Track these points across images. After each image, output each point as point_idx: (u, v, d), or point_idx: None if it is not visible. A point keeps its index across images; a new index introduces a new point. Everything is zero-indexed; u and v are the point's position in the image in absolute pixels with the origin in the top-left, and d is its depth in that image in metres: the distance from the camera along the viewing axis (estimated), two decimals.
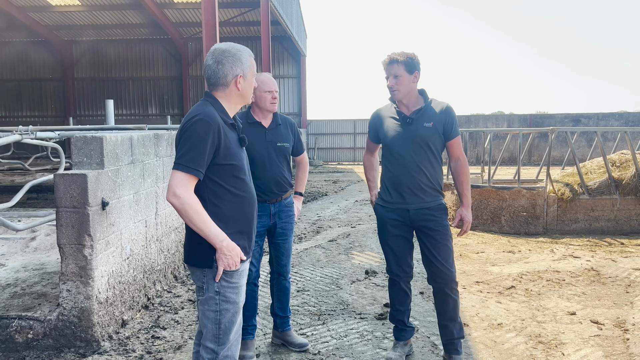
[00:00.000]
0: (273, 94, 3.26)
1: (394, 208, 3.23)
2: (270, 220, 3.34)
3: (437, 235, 3.15)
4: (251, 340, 3.42)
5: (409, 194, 3.17)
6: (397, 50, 3.15)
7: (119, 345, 3.59)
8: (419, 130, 3.13)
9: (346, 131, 22.84)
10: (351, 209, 9.62)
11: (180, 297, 4.60)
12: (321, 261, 5.86)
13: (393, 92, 3.14)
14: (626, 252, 6.11)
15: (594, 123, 21.22)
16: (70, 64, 22.26)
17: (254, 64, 2.39)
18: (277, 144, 3.32)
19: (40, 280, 4.26)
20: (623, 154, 7.94)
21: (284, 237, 3.45)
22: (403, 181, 3.16)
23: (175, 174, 2.15)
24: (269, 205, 3.31)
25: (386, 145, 3.25)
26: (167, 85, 22.40)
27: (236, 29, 20.87)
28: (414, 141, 3.13)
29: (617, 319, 4.05)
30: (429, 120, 3.13)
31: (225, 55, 2.27)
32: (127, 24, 20.53)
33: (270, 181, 3.27)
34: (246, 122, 3.24)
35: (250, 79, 2.36)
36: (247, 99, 2.40)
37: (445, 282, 3.17)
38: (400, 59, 3.08)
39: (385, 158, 3.29)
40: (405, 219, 3.21)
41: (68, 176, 3.39)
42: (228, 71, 2.27)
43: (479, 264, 5.67)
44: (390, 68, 3.11)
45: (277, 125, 3.37)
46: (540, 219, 7.25)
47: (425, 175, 3.15)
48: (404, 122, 3.17)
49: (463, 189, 3.25)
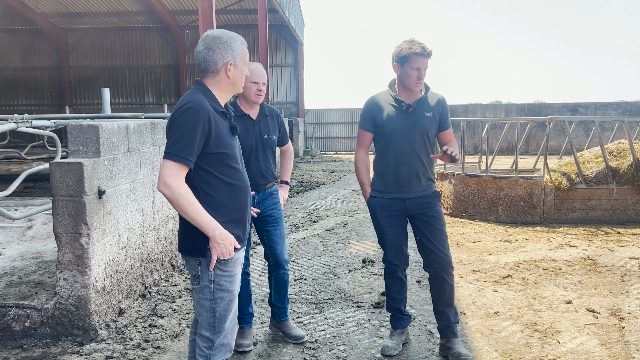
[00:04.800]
0: (259, 85, 3.18)
1: (390, 198, 3.22)
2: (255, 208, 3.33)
3: (433, 221, 3.18)
4: (248, 328, 3.42)
5: (406, 183, 3.17)
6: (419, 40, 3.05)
7: (116, 333, 3.60)
8: (420, 120, 3.13)
9: (344, 120, 22.80)
10: (349, 199, 9.62)
11: (178, 285, 4.61)
12: (318, 250, 5.87)
13: (417, 85, 3.09)
14: (622, 241, 6.13)
15: (592, 112, 21.21)
16: (66, 52, 22.09)
17: (247, 53, 2.35)
18: (265, 136, 3.30)
19: (37, 269, 4.25)
20: (620, 143, 7.95)
21: (275, 224, 3.42)
22: (402, 171, 3.15)
23: (166, 163, 2.13)
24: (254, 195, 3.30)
25: (384, 134, 3.18)
26: (163, 73, 22.26)
27: (233, 17, 20.71)
28: (414, 130, 3.13)
29: (613, 307, 4.07)
30: (429, 110, 3.15)
31: (217, 42, 2.24)
32: (124, 12, 20.34)
33: (256, 174, 3.26)
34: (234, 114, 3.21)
35: (242, 67, 2.31)
36: (238, 87, 2.36)
37: (442, 267, 3.19)
38: (432, 52, 3.05)
39: (381, 147, 3.24)
40: (401, 208, 3.21)
41: (64, 165, 3.37)
42: (218, 58, 2.24)
43: (476, 253, 5.69)
44: (424, 61, 3.04)
45: (264, 116, 3.34)
46: (538, 209, 7.27)
47: (422, 164, 3.17)
48: (405, 110, 3.13)
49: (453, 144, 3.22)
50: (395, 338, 3.40)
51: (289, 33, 21.22)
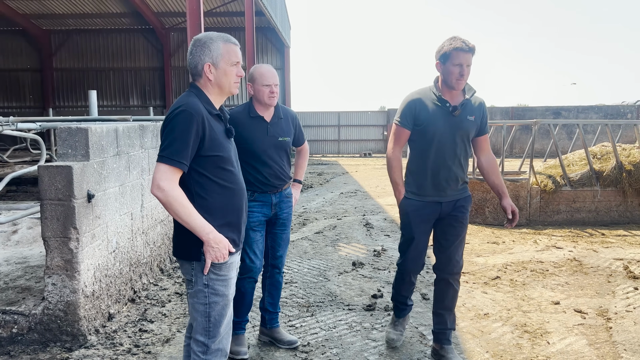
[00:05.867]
0: (271, 87, 3.17)
1: (426, 201, 3.12)
2: (271, 210, 3.30)
3: (460, 227, 3.14)
4: (243, 335, 3.39)
5: (444, 187, 3.08)
6: (462, 36, 2.96)
7: (105, 339, 3.55)
8: (464, 122, 3.05)
9: (330, 123, 22.80)
10: (337, 201, 9.63)
11: (167, 290, 4.57)
12: (308, 253, 5.86)
13: (460, 82, 2.96)
14: (607, 243, 6.23)
15: (574, 116, 21.53)
16: (49, 53, 21.79)
17: (232, 52, 2.25)
18: (279, 138, 3.26)
19: (23, 274, 4.18)
20: (604, 146, 8.08)
21: (283, 228, 3.41)
22: (441, 173, 3.06)
23: (159, 166, 2.11)
24: (271, 195, 3.28)
25: (426, 133, 3.04)
26: (148, 76, 22.07)
27: (219, 20, 20.64)
28: (457, 133, 3.04)
29: (600, 308, 4.13)
30: (472, 113, 3.08)
31: (196, 44, 2.24)
32: (108, 14, 20.13)
33: (271, 176, 3.24)
34: (248, 116, 3.19)
35: (224, 67, 2.23)
36: (225, 89, 2.28)
37: (452, 272, 3.18)
38: (474, 48, 2.94)
39: (420, 147, 3.11)
40: (435, 212, 3.13)
41: (53, 168, 3.32)
42: (197, 60, 2.23)
43: (464, 255, 5.72)
44: (467, 57, 2.92)
45: (279, 119, 3.31)
46: (524, 211, 7.35)
47: (461, 168, 3.12)
48: (450, 111, 3.02)
49: (501, 181, 3.21)
50: (398, 327, 3.50)
51: (275, 36, 21.20)
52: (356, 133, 22.67)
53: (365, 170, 15.47)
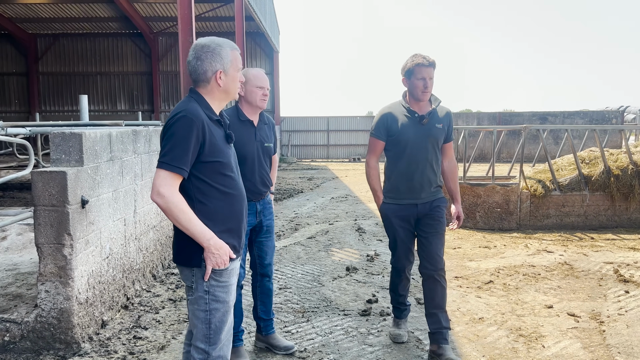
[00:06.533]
0: (264, 90, 3.19)
1: (403, 204, 3.39)
2: (256, 219, 3.30)
3: (438, 225, 3.39)
4: (242, 346, 3.34)
5: (418, 190, 3.36)
6: (422, 53, 3.28)
7: (99, 346, 3.51)
8: (432, 130, 3.33)
9: (319, 128, 22.82)
10: (328, 206, 9.63)
11: (160, 296, 4.52)
12: (301, 258, 5.85)
13: (424, 94, 3.26)
14: (596, 247, 6.30)
15: (560, 121, 21.78)
16: (35, 58, 21.56)
17: (238, 58, 2.31)
18: (265, 144, 3.28)
19: (14, 281, 4.12)
20: (592, 151, 8.19)
21: (268, 235, 3.41)
22: (415, 177, 3.34)
23: (159, 172, 2.10)
24: (255, 203, 3.27)
25: (399, 142, 3.34)
26: (136, 80, 21.92)
27: (208, 24, 20.59)
28: (427, 140, 3.32)
29: (593, 311, 4.17)
30: (439, 122, 3.37)
31: (204, 50, 2.22)
32: (95, 18, 20.00)
33: (258, 181, 3.23)
34: (238, 119, 3.16)
35: (233, 73, 2.27)
36: (232, 94, 2.33)
37: (436, 269, 3.34)
38: (434, 62, 3.26)
39: (394, 155, 3.40)
40: (413, 213, 3.40)
41: (47, 174, 3.28)
42: (207, 67, 2.22)
43: (457, 259, 5.76)
44: (428, 70, 3.23)
45: (264, 124, 3.32)
46: (514, 215, 7.41)
47: (433, 171, 3.38)
48: (419, 121, 3.32)
49: (456, 187, 3.56)
50: (402, 326, 3.65)
51: (265, 41, 21.20)
52: (345, 138, 22.71)
53: (354, 175, 15.50)
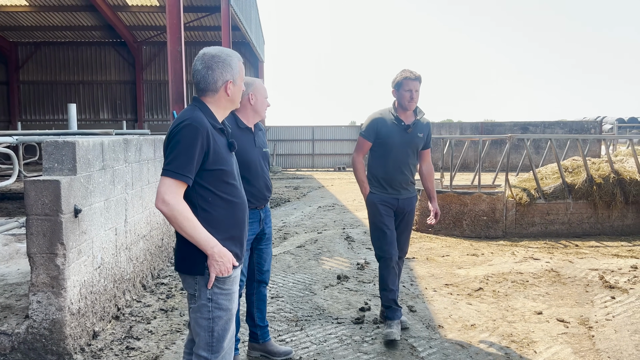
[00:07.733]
0: (268, 100, 3.29)
1: (387, 196, 3.85)
2: (259, 227, 3.31)
3: (410, 218, 3.99)
4: (238, 356, 3.34)
5: (399, 187, 3.86)
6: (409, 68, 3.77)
7: (92, 357, 3.46)
8: (415, 138, 3.85)
9: (305, 137, 22.84)
10: (315, 215, 9.64)
11: (151, 306, 4.48)
12: (292, 267, 5.85)
13: (410, 104, 3.74)
14: (581, 254, 6.42)
15: (541, 130, 22.17)
16: (16, 66, 21.31)
17: (243, 69, 2.37)
18: (263, 149, 3.32)
19: (2, 292, 4.05)
20: (574, 160, 8.36)
21: (268, 242, 3.43)
22: (397, 177, 3.83)
23: (164, 180, 2.11)
24: (259, 211, 3.28)
25: (385, 145, 3.80)
26: (119, 89, 21.79)
27: (193, 34, 20.59)
28: (409, 146, 3.84)
29: (581, 317, 4.25)
30: (421, 131, 3.88)
31: (215, 60, 2.24)
32: (78, 26, 19.86)
33: (262, 187, 3.25)
34: (237, 127, 3.17)
35: (240, 83, 2.33)
36: (237, 103, 2.38)
37: (402, 255, 4.01)
38: (420, 77, 3.74)
39: (380, 157, 3.84)
40: (394, 204, 3.88)
41: (39, 183, 3.25)
42: (218, 77, 2.25)
43: (446, 267, 5.81)
44: (414, 83, 3.71)
45: (258, 130, 3.37)
46: (500, 223, 7.52)
47: (411, 173, 3.92)
48: (405, 129, 3.80)
49: (434, 186, 4.14)
50: (394, 327, 3.78)
51: (250, 50, 21.25)
52: (330, 147, 22.76)
53: (340, 184, 15.55)
